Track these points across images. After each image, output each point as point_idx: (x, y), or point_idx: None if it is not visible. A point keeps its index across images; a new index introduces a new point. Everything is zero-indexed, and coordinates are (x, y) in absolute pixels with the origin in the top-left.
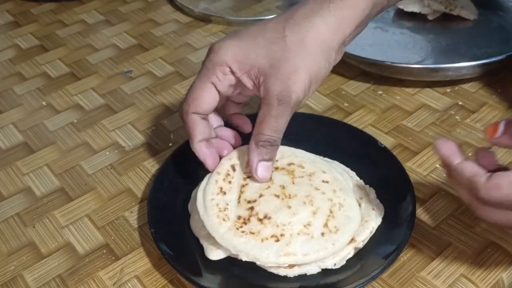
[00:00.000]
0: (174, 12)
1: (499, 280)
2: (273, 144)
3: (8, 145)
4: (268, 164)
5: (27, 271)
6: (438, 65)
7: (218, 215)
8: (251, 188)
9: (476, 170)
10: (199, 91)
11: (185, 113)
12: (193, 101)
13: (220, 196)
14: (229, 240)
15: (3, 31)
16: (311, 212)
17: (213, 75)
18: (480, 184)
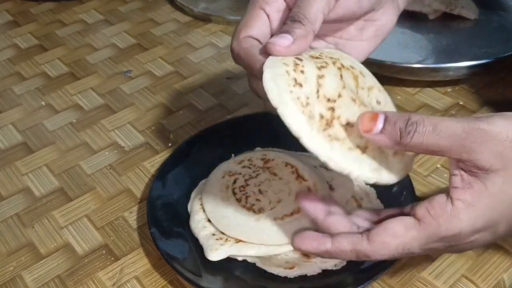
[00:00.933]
0: (174, 12)
1: (500, 281)
2: (296, 20)
3: (7, 145)
4: (287, 36)
5: (26, 272)
6: (438, 65)
7: (303, 111)
8: (328, 82)
9: (351, 239)
10: (248, 16)
11: (238, 40)
12: (244, 25)
13: (298, 89)
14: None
15: (2, 30)
16: None
17: (261, 0)
18: (366, 250)
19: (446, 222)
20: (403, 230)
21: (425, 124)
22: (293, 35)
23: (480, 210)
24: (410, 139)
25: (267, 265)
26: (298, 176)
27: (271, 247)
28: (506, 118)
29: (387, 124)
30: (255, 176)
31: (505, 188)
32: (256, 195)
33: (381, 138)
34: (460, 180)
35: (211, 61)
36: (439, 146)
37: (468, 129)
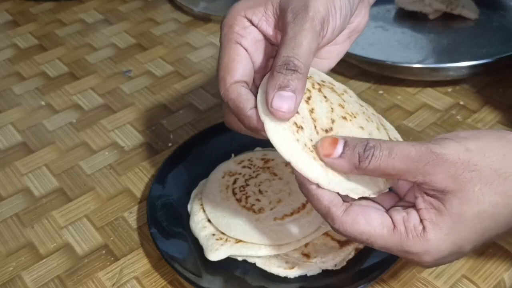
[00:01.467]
0: (174, 12)
1: (500, 281)
2: (292, 68)
3: (6, 145)
4: (287, 95)
5: (26, 272)
6: (439, 65)
7: (314, 157)
8: (319, 112)
9: (333, 199)
10: (227, 57)
11: (225, 90)
12: (226, 69)
13: (301, 133)
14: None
15: (2, 30)
16: (376, 128)
17: (234, 32)
18: (335, 216)
19: (415, 240)
20: (377, 224)
21: (382, 148)
22: (293, 89)
23: (444, 231)
24: (368, 163)
25: (267, 265)
26: None
27: (271, 247)
28: (458, 140)
29: (346, 149)
30: (255, 176)
31: (463, 209)
32: (256, 195)
33: (340, 162)
34: (422, 201)
35: (211, 61)
36: (394, 169)
37: (421, 153)
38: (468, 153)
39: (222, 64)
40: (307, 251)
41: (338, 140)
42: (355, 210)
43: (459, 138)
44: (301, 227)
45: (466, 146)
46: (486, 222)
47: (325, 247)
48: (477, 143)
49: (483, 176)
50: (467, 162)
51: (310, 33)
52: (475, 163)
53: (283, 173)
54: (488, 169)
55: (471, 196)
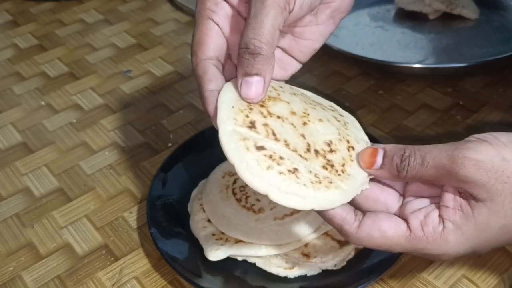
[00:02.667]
0: (174, 12)
1: (500, 281)
2: (253, 52)
3: (6, 145)
4: (253, 80)
5: (26, 272)
6: (439, 65)
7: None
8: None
9: (344, 216)
10: (199, 32)
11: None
12: (198, 45)
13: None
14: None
15: (2, 30)
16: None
17: (206, 9)
18: (350, 233)
19: (435, 242)
20: (393, 234)
21: (416, 157)
22: (258, 73)
23: (466, 236)
24: (406, 173)
25: (267, 265)
26: None
27: (271, 247)
28: (496, 146)
29: (386, 160)
30: None
31: (490, 220)
32: (256, 195)
33: (381, 173)
34: (453, 199)
35: None
36: (430, 177)
37: (453, 158)
38: (503, 163)
39: (195, 39)
40: (307, 251)
41: (378, 150)
42: (368, 225)
43: (498, 143)
44: (301, 227)
45: (503, 154)
46: (508, 235)
47: (325, 247)
48: None
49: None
50: (500, 172)
51: (273, 9)
52: (508, 175)
53: None
54: None
55: (500, 209)
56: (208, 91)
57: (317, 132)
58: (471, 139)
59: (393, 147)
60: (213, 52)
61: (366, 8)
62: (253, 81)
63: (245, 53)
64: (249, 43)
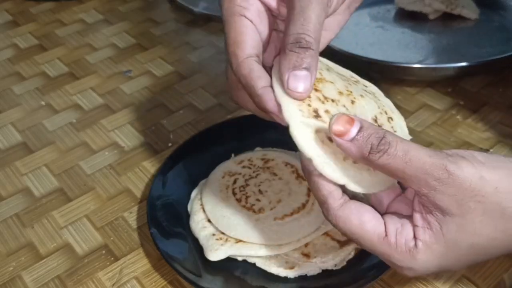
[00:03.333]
0: (174, 12)
1: (500, 281)
2: (304, 46)
3: (6, 145)
4: (302, 74)
5: (26, 272)
6: (439, 65)
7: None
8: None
9: (332, 190)
10: (233, 31)
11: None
12: (236, 44)
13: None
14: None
15: (2, 30)
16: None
17: (236, 5)
18: (330, 208)
19: (402, 255)
20: (370, 228)
21: (397, 148)
22: (307, 67)
23: (434, 254)
24: (378, 158)
25: (267, 265)
26: (298, 176)
27: (271, 247)
28: (475, 164)
29: (360, 135)
30: (255, 176)
31: (458, 237)
32: (256, 195)
33: (349, 147)
34: (420, 218)
35: (211, 61)
36: (403, 173)
37: (435, 167)
38: (481, 181)
39: (230, 39)
40: (307, 251)
41: (355, 121)
42: (351, 208)
43: (477, 162)
44: (301, 227)
45: (481, 173)
46: (478, 254)
47: (325, 247)
48: (493, 174)
49: (488, 209)
50: (477, 191)
51: (318, 5)
52: (483, 195)
53: (283, 173)
54: (496, 204)
55: (470, 226)
56: (262, 89)
57: (364, 109)
58: (450, 153)
59: (371, 125)
60: (252, 49)
61: (366, 8)
62: (302, 75)
63: (295, 47)
64: (300, 38)
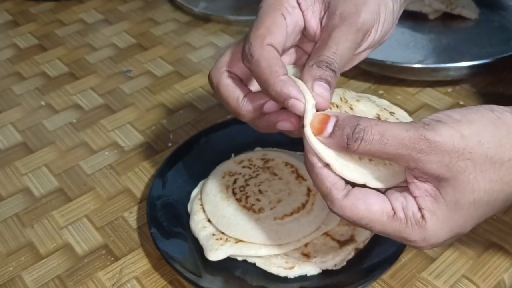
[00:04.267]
0: (174, 11)
1: (500, 281)
2: (331, 68)
3: (6, 145)
4: (325, 86)
5: (26, 272)
6: (439, 65)
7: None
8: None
9: (336, 182)
10: (271, 20)
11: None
12: (268, 30)
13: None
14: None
15: (2, 30)
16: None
17: (282, 6)
18: (335, 199)
19: (414, 227)
20: (378, 209)
21: (373, 132)
22: (329, 83)
23: (441, 219)
24: (357, 146)
25: (267, 265)
26: (298, 176)
27: (271, 247)
28: (452, 125)
29: (336, 129)
30: (255, 176)
31: (458, 197)
32: (256, 195)
33: (329, 142)
34: (416, 188)
35: (211, 61)
36: (385, 154)
37: (414, 139)
38: (463, 140)
39: (262, 25)
40: (307, 251)
41: (330, 118)
42: (355, 195)
43: (453, 121)
44: (301, 227)
45: (461, 132)
46: (482, 209)
47: (325, 247)
48: (472, 128)
49: (478, 163)
50: (462, 150)
51: (352, 43)
52: (470, 151)
53: (283, 173)
54: (484, 157)
55: (466, 185)
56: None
57: (364, 113)
58: (427, 121)
59: (346, 117)
60: (280, 43)
61: None
62: (324, 86)
63: (323, 65)
64: (330, 61)
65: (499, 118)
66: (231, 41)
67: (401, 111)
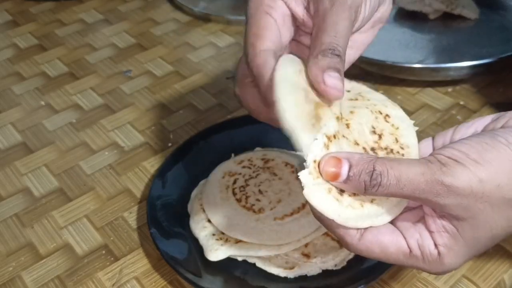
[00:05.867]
0: (174, 11)
1: (500, 281)
2: (336, 53)
3: (6, 145)
4: (336, 76)
5: (26, 272)
6: (439, 65)
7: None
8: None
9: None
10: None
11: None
12: (256, 36)
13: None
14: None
15: (2, 30)
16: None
17: (263, 4)
18: (350, 244)
19: (431, 264)
20: (393, 251)
21: (389, 178)
22: (339, 72)
23: (459, 254)
24: (375, 191)
25: (267, 265)
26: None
27: (271, 247)
28: (470, 167)
29: (352, 174)
30: (255, 176)
31: (477, 235)
32: (256, 195)
33: (346, 187)
34: (433, 223)
35: (211, 61)
36: (403, 196)
37: (431, 184)
38: (481, 184)
39: (251, 31)
40: (307, 251)
41: (342, 161)
42: (369, 239)
43: (471, 163)
44: (301, 227)
45: (479, 175)
46: (497, 240)
47: (325, 247)
48: (490, 170)
49: (495, 204)
50: (480, 194)
51: (348, 22)
52: (488, 195)
53: (283, 173)
54: (501, 198)
55: (484, 224)
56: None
57: (361, 127)
58: (443, 160)
59: (359, 159)
60: (272, 44)
61: None
62: (336, 76)
63: (328, 53)
64: (334, 47)
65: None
66: (231, 41)
67: (396, 110)
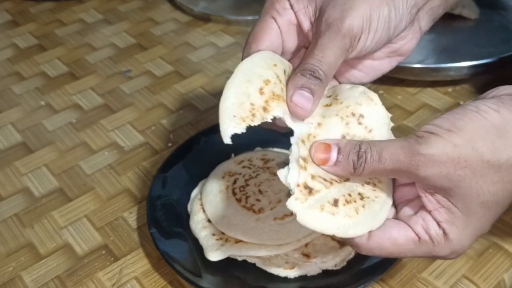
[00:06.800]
0: (174, 11)
1: (500, 281)
2: (315, 75)
3: (6, 145)
4: (307, 95)
5: (25, 272)
6: (439, 65)
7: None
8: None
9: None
10: (258, 27)
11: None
12: (253, 37)
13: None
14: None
15: (2, 30)
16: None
17: (273, 9)
18: (360, 245)
19: (440, 244)
20: (403, 241)
21: (372, 153)
22: (312, 93)
23: (460, 227)
24: (362, 170)
25: (267, 265)
26: None
27: (271, 247)
28: (443, 135)
29: (340, 156)
30: (255, 176)
31: (467, 202)
32: (256, 195)
33: (335, 170)
34: (428, 201)
35: (211, 61)
36: (387, 171)
37: (409, 156)
38: (456, 149)
39: (252, 32)
40: (307, 251)
41: (331, 146)
42: (378, 235)
43: (444, 131)
44: (301, 227)
45: (452, 141)
46: (493, 208)
47: (325, 247)
48: (463, 136)
49: (476, 169)
50: (457, 159)
51: (339, 49)
52: (465, 159)
53: None
54: (480, 162)
55: (470, 191)
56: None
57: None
58: (419, 134)
59: (347, 143)
60: (267, 48)
61: None
62: (306, 95)
63: (307, 73)
64: (315, 69)
65: (486, 118)
66: (231, 41)
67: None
